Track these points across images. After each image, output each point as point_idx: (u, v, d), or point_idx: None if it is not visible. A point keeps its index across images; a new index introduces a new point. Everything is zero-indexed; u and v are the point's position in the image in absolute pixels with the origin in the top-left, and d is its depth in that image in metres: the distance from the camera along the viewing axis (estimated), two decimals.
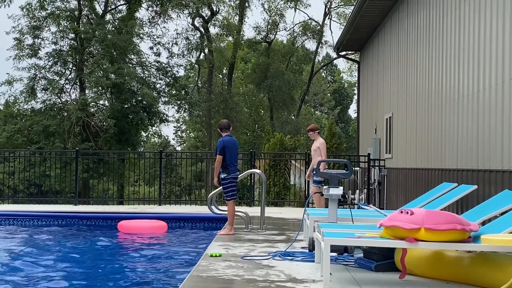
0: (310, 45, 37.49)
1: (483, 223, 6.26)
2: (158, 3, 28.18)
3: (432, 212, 5.45)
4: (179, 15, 29.20)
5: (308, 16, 38.05)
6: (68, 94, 25.82)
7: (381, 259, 6.18)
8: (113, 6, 27.84)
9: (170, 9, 28.05)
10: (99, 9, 27.41)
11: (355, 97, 34.68)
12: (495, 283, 5.09)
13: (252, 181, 16.53)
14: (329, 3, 34.94)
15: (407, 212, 5.37)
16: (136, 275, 7.63)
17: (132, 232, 11.32)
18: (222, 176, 9.32)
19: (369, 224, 7.04)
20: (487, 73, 8.03)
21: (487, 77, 8.02)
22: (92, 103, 25.82)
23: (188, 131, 44.58)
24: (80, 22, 26.11)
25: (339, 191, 7.29)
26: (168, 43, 28.99)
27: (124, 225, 11.54)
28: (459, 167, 8.98)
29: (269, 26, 34.94)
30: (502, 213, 6.18)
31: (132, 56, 26.73)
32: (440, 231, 5.16)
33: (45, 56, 25.34)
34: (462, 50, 9.10)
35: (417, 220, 5.24)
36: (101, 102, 26.42)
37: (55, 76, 25.62)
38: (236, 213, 9.68)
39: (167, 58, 28.79)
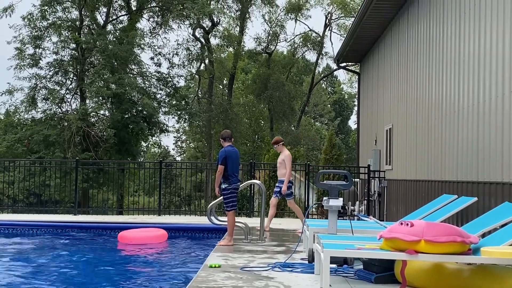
0: (311, 56, 37.76)
1: (483, 235, 6.25)
2: (159, 14, 28.30)
3: (432, 224, 5.45)
4: (180, 26, 29.34)
5: (308, 27, 38.16)
6: (68, 104, 25.89)
7: (381, 271, 6.16)
8: (114, 17, 27.97)
9: (171, 20, 28.16)
10: (101, 19, 27.56)
11: (355, 108, 34.70)
12: None
13: (252, 191, 16.51)
14: (329, 15, 35.09)
15: (407, 224, 5.36)
16: (134, 286, 7.60)
17: (132, 242, 11.28)
18: (223, 186, 9.29)
19: (369, 236, 7.02)
20: (487, 85, 8.05)
21: (487, 90, 8.04)
22: (93, 113, 25.86)
23: (188, 142, 44.60)
24: (81, 32, 26.21)
25: (338, 202, 7.28)
26: (169, 54, 29.12)
27: (125, 236, 11.51)
28: (459, 179, 8.97)
29: (269, 37, 35.06)
30: (502, 226, 6.17)
31: (133, 66, 26.81)
32: (440, 243, 5.15)
33: (46, 66, 25.44)
34: (462, 62, 9.13)
35: (417, 232, 5.23)
36: (102, 112, 26.48)
37: (55, 86, 25.70)
38: (235, 224, 9.66)
39: (167, 68, 28.92)
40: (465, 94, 8.93)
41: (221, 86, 38.27)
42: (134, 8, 27.88)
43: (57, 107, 25.49)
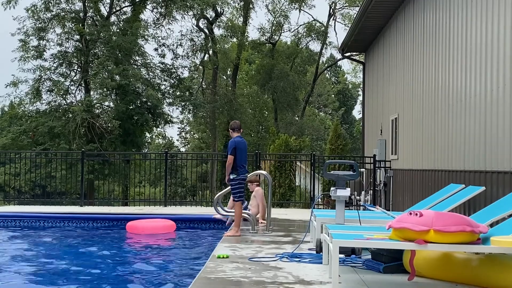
0: (315, 46, 37.54)
1: (491, 225, 6.24)
2: (162, 4, 28.22)
3: (441, 214, 5.43)
4: (184, 17, 29.26)
5: (312, 17, 38.00)
6: (73, 95, 25.89)
7: (389, 260, 6.16)
8: (118, 8, 27.90)
9: (174, 11, 28.09)
10: (104, 10, 27.48)
11: (360, 98, 34.65)
12: (504, 285, 5.07)
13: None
14: (333, 4, 34.94)
15: (416, 214, 5.35)
16: (143, 277, 7.62)
17: (141, 232, 11.32)
18: (232, 177, 9.29)
19: (377, 226, 7.02)
20: (494, 73, 8.01)
21: (494, 78, 8.00)
22: (97, 105, 25.87)
23: (192, 132, 44.61)
24: (85, 23, 26.17)
25: (346, 192, 7.26)
26: (173, 45, 29.06)
27: (133, 225, 11.55)
28: (466, 168, 8.95)
29: (273, 27, 34.96)
30: (511, 215, 6.16)
31: (137, 58, 26.79)
32: (450, 233, 5.13)
33: (50, 58, 25.42)
34: (468, 50, 9.08)
35: (426, 222, 5.22)
36: (106, 103, 26.48)
37: (60, 77, 25.68)
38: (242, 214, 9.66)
39: (171, 59, 28.87)
40: (472, 82, 8.89)
41: (225, 77, 38.21)
42: None
43: (61, 98, 25.49)
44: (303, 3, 34.05)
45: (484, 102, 8.33)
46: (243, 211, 9.67)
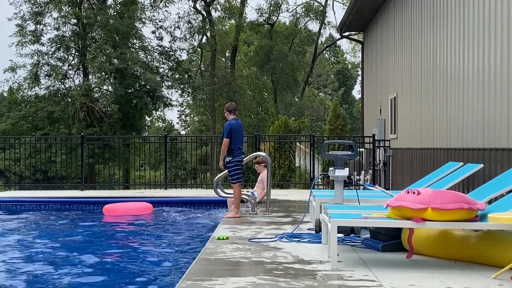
0: (313, 26, 37.36)
1: (490, 202, 6.26)
2: None
3: (439, 191, 5.45)
4: None
5: None
6: (71, 79, 25.85)
7: (388, 239, 6.19)
8: None
9: None
10: None
11: (359, 78, 34.54)
12: (503, 262, 5.10)
13: None
14: None
15: (414, 192, 5.36)
16: (143, 259, 7.67)
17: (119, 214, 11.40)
18: (228, 159, 9.28)
19: (376, 205, 7.04)
20: (492, 51, 7.98)
21: (492, 55, 7.98)
22: (96, 89, 25.83)
23: (192, 115, 44.56)
24: (82, 7, 26.03)
25: (344, 172, 7.27)
26: (170, 27, 28.95)
27: (110, 208, 11.61)
28: (465, 146, 8.96)
29: (271, 8, 34.73)
30: (509, 192, 6.18)
31: (135, 41, 26.69)
32: (447, 211, 5.15)
33: (48, 42, 25.33)
34: (467, 28, 9.04)
35: (424, 200, 5.23)
36: (105, 87, 26.44)
37: (58, 62, 25.63)
38: (242, 196, 9.69)
39: (169, 42, 28.79)
40: (470, 60, 8.86)
41: (223, 59, 38.06)
42: None
43: (60, 83, 25.45)
44: None
45: (482, 79, 8.31)
46: (242, 192, 9.69)
